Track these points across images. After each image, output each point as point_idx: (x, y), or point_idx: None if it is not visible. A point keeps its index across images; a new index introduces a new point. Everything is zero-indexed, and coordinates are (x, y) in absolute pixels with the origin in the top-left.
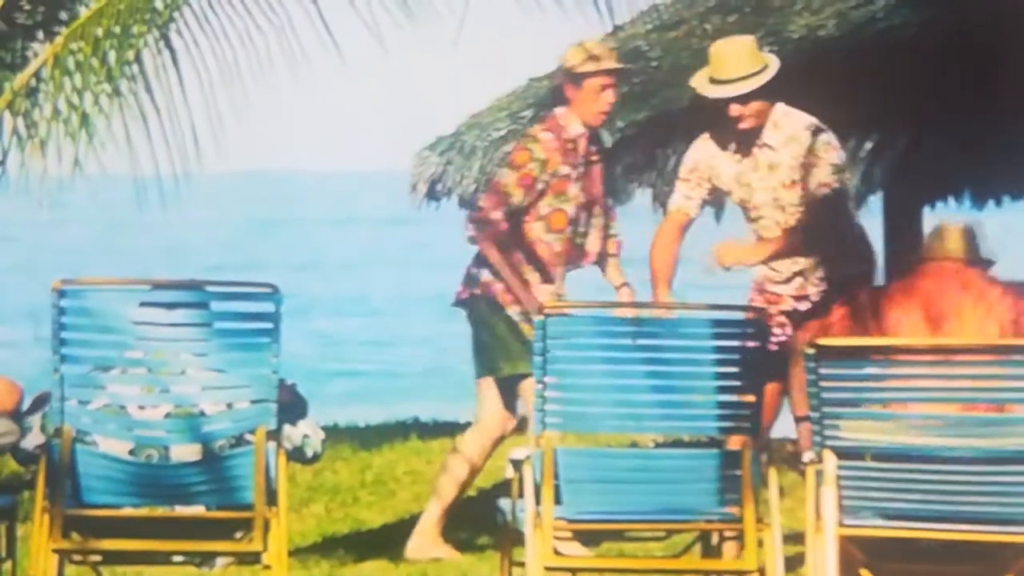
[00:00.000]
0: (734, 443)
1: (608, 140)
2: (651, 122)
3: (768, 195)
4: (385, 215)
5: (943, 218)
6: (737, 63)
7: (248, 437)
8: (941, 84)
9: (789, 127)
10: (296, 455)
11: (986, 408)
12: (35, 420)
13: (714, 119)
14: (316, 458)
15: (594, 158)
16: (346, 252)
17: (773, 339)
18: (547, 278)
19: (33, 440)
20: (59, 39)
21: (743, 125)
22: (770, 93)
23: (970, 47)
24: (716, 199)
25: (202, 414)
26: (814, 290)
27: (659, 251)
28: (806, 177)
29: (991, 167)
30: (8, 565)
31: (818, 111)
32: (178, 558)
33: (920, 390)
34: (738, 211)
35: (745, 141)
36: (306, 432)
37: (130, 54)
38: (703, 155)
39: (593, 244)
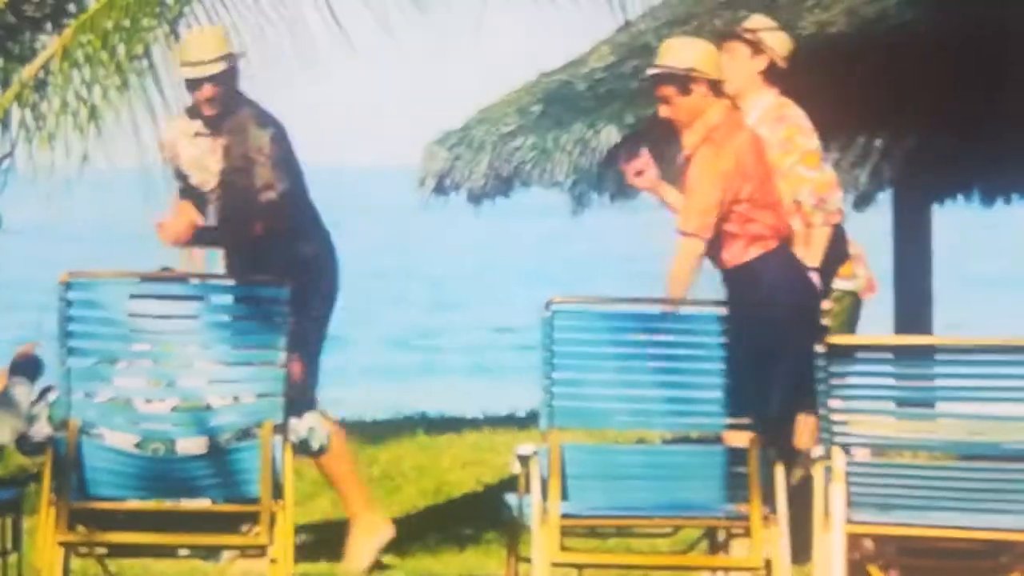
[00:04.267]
0: (741, 440)
1: (616, 136)
2: (660, 118)
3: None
4: (394, 209)
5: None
6: (198, 50)
7: (254, 431)
8: (951, 81)
9: (241, 114)
10: (302, 448)
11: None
12: (41, 410)
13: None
14: (322, 451)
15: None
16: (355, 246)
17: None
18: None
19: (39, 431)
20: (68, 31)
21: (208, 111)
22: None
23: (980, 45)
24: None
25: (208, 407)
26: None
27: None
28: (238, 164)
29: (1000, 164)
30: (14, 558)
31: (828, 108)
32: (184, 551)
33: (930, 388)
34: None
35: (212, 125)
36: (312, 424)
37: (139, 47)
38: (167, 137)
39: None
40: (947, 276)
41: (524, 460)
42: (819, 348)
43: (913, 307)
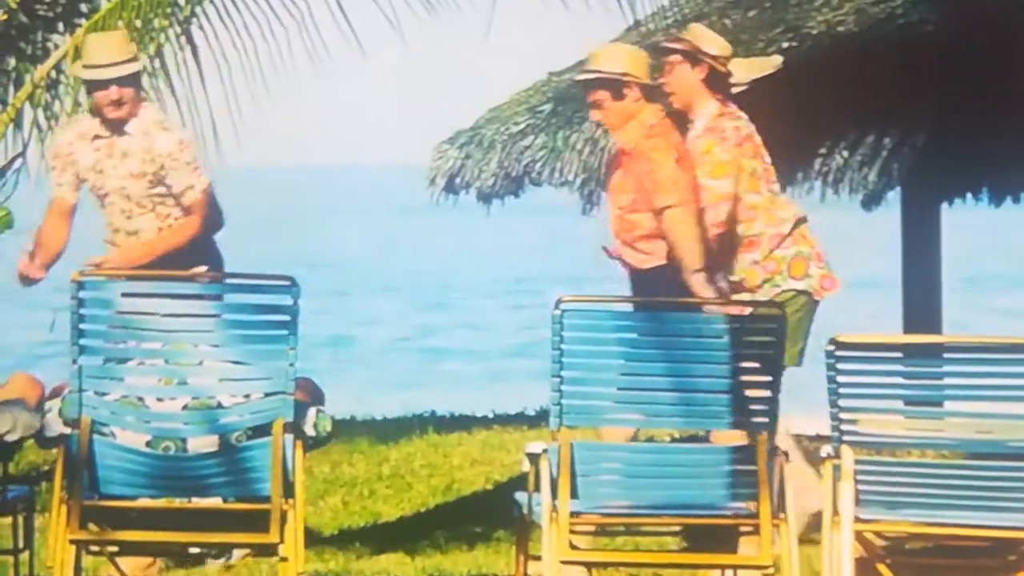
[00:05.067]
0: (749, 438)
1: None
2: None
3: (118, 183)
4: (404, 208)
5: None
6: (107, 51)
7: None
8: (959, 80)
9: (145, 118)
10: (313, 440)
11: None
12: (53, 404)
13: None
14: (329, 438)
15: None
16: (364, 245)
17: None
18: None
19: (52, 427)
20: (80, 31)
21: (113, 113)
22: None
23: (988, 44)
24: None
25: (219, 406)
26: None
27: (48, 236)
28: (159, 173)
29: (1009, 163)
30: (26, 556)
31: (837, 106)
32: (195, 549)
33: (939, 387)
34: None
35: (113, 128)
36: (320, 408)
37: (151, 48)
38: (63, 141)
39: None
40: (956, 275)
41: (534, 458)
42: (828, 347)
43: (922, 306)
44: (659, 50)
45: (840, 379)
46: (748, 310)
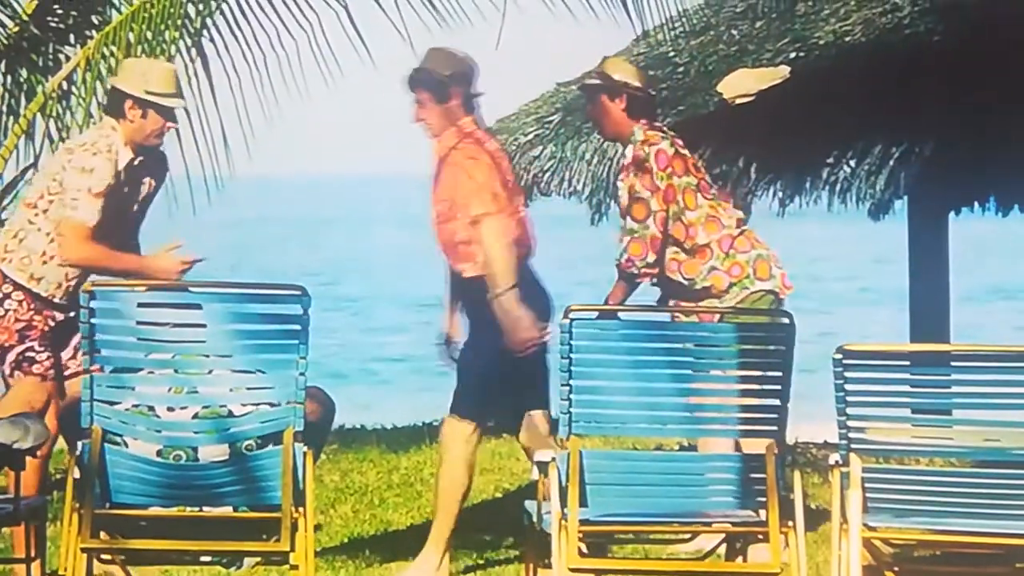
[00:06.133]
0: (758, 446)
1: None
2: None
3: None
4: (415, 218)
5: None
6: (173, 81)
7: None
8: (966, 90)
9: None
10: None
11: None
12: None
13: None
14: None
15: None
16: (374, 255)
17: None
18: None
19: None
20: (91, 43)
21: (157, 142)
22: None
23: (995, 53)
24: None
25: (230, 415)
26: None
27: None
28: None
29: (1016, 172)
30: (37, 564)
31: (845, 116)
32: (206, 558)
33: (946, 395)
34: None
35: (142, 154)
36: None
37: (162, 60)
38: (115, 173)
39: None
40: (963, 284)
41: (543, 467)
42: (836, 356)
43: (929, 314)
44: (582, 88)
45: (848, 387)
46: (717, 316)
